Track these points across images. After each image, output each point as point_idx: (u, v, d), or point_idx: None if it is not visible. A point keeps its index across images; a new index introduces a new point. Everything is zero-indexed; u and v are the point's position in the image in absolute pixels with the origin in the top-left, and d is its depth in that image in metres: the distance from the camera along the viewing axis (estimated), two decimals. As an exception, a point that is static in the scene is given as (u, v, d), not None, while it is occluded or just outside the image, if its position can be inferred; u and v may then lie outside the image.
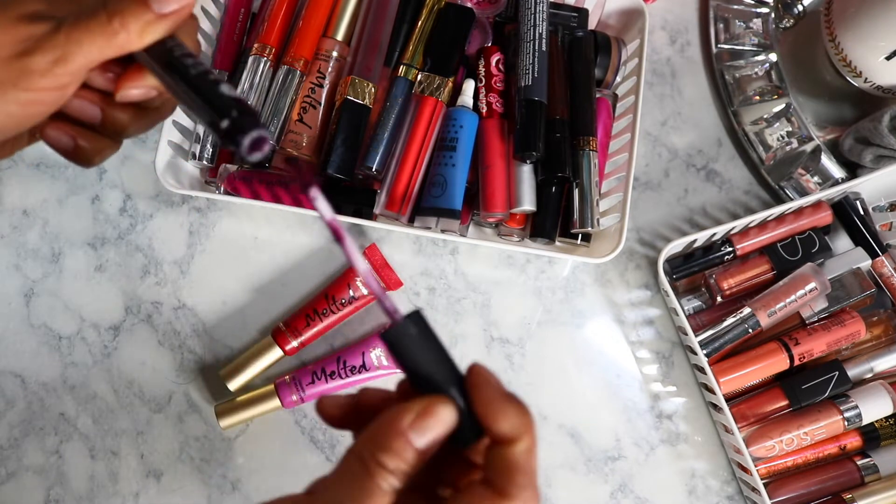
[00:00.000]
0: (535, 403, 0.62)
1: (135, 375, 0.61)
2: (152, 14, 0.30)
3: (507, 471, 0.26)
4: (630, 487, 0.60)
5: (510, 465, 0.26)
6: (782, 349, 0.57)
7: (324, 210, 0.25)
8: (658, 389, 0.62)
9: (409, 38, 0.59)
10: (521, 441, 0.26)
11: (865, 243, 0.61)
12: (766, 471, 0.59)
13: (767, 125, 0.65)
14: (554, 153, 0.57)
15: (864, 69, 0.60)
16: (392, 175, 0.58)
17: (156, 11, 0.30)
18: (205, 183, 0.62)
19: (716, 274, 0.60)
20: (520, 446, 0.26)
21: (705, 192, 0.67)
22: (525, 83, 0.56)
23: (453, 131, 0.58)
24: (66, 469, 0.60)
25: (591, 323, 0.63)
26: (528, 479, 0.26)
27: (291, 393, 0.58)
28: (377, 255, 0.61)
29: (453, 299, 0.63)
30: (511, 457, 0.26)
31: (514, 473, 0.25)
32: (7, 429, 0.60)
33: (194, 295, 0.62)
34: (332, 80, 0.59)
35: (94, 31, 0.29)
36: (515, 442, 0.26)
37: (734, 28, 0.68)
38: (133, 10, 0.29)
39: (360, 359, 0.59)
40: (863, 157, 0.62)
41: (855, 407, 0.56)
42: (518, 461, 0.26)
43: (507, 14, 0.62)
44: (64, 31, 0.29)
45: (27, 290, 0.63)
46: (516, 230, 0.61)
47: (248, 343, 0.62)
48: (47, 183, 0.64)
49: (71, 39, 0.29)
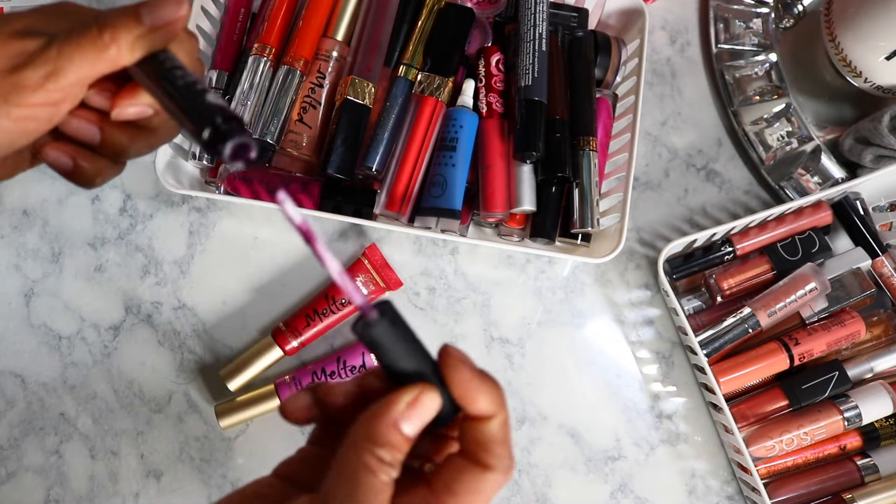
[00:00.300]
0: (535, 403, 0.62)
1: (135, 375, 0.61)
2: (143, 27, 0.30)
3: (487, 445, 0.27)
4: (630, 487, 0.60)
5: (489, 439, 0.27)
6: (782, 349, 0.57)
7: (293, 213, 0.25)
8: (658, 389, 0.62)
9: (409, 38, 0.59)
10: (497, 416, 0.27)
11: (865, 243, 0.61)
12: (766, 471, 0.59)
13: (767, 125, 0.66)
14: (554, 153, 0.57)
15: (864, 69, 0.60)
16: (392, 175, 0.58)
17: (146, 24, 0.30)
18: (205, 183, 0.62)
19: (716, 274, 0.60)
20: (496, 421, 0.27)
21: (705, 192, 0.67)
22: (525, 83, 0.56)
23: (453, 131, 0.58)
24: (66, 469, 0.60)
25: (591, 323, 0.63)
26: (505, 449, 0.27)
27: (291, 393, 0.58)
28: (377, 255, 0.61)
29: (453, 299, 0.63)
30: (489, 432, 0.27)
31: (492, 446, 0.27)
32: (7, 429, 0.60)
33: (194, 295, 0.62)
34: (332, 80, 0.59)
35: (86, 45, 0.29)
36: (492, 418, 0.27)
37: (734, 28, 0.68)
38: (124, 23, 0.29)
39: (360, 359, 0.59)
40: (863, 157, 0.62)
41: (855, 407, 0.56)
42: (496, 435, 0.27)
43: (507, 14, 0.62)
44: (56, 46, 0.29)
45: (27, 290, 0.63)
46: (516, 230, 0.61)
47: (248, 343, 0.62)
48: (47, 183, 0.64)
49: (62, 54, 0.29)
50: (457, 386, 0.27)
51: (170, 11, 0.30)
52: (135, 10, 0.30)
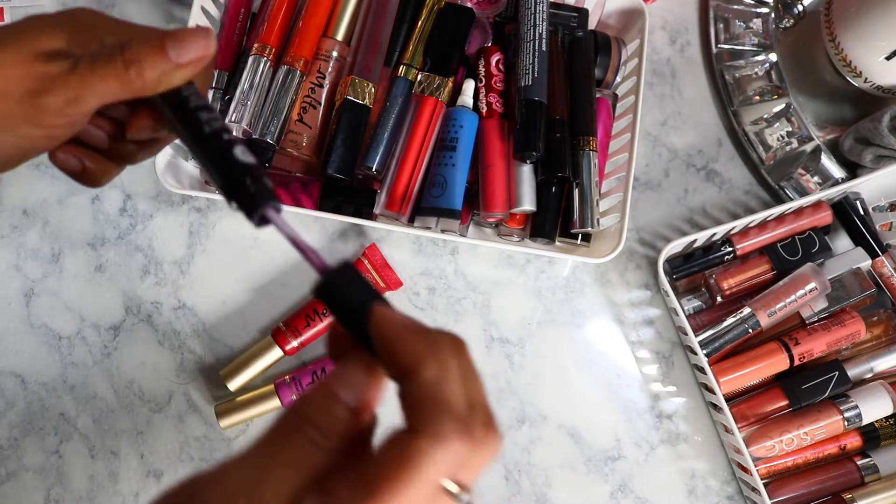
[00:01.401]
0: (535, 403, 0.62)
1: (135, 375, 0.61)
2: (170, 63, 0.29)
3: (413, 405, 0.23)
4: (630, 487, 0.60)
5: (415, 398, 0.23)
6: (782, 349, 0.57)
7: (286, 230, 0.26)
8: (658, 389, 0.62)
9: (409, 38, 0.59)
10: (422, 369, 0.23)
11: (865, 243, 0.61)
12: (766, 471, 0.59)
13: (767, 125, 0.66)
14: (554, 153, 0.57)
15: (864, 69, 0.60)
16: (392, 175, 0.58)
17: (174, 61, 0.29)
18: (205, 183, 0.61)
19: (716, 274, 0.60)
20: (424, 375, 0.23)
21: (705, 192, 0.67)
22: (525, 83, 0.56)
23: (453, 131, 0.58)
24: (66, 469, 0.60)
25: (591, 323, 0.63)
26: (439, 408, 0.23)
27: (291, 393, 0.58)
28: (377, 255, 0.61)
29: (453, 299, 0.63)
30: (415, 389, 0.23)
31: (420, 406, 0.23)
32: (7, 429, 0.60)
33: (194, 295, 0.62)
34: (332, 80, 0.59)
35: (110, 77, 0.29)
36: (415, 372, 0.23)
37: (734, 28, 0.68)
38: (150, 58, 0.29)
39: (360, 359, 0.59)
40: (863, 157, 0.62)
41: (855, 407, 0.56)
42: (422, 392, 0.23)
43: (507, 14, 0.62)
44: (79, 73, 0.29)
45: (27, 290, 0.63)
46: (516, 230, 0.61)
47: (248, 343, 0.62)
48: (47, 183, 0.64)
49: (86, 83, 0.29)
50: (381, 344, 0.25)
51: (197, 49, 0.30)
52: (161, 42, 0.29)
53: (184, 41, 0.29)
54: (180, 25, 0.67)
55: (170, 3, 0.68)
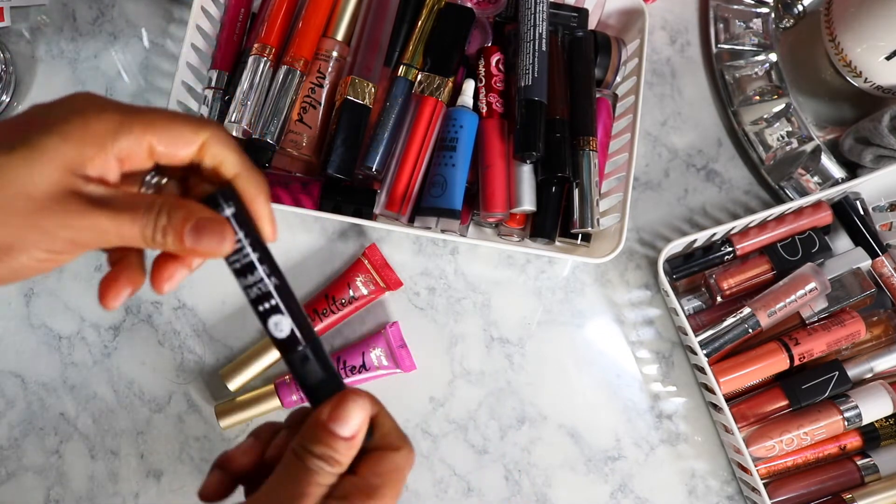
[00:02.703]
0: (535, 403, 0.62)
1: (135, 375, 0.61)
2: (184, 248, 0.28)
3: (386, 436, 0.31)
4: (630, 487, 0.60)
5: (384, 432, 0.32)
6: (782, 349, 0.57)
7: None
8: (658, 389, 0.62)
9: (409, 38, 0.59)
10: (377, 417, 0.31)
11: (865, 243, 0.61)
12: (766, 471, 0.59)
13: (767, 125, 0.66)
14: (554, 153, 0.57)
15: (864, 69, 0.60)
16: (392, 175, 0.58)
17: (188, 247, 0.28)
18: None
19: (716, 274, 0.60)
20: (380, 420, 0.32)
21: (705, 192, 0.67)
22: (525, 83, 0.56)
23: (453, 131, 0.58)
24: (66, 469, 0.60)
25: (591, 323, 0.63)
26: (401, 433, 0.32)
27: (291, 393, 0.58)
28: (377, 255, 0.61)
29: (453, 299, 0.63)
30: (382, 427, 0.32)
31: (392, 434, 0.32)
32: (7, 429, 0.60)
33: (194, 295, 0.62)
34: (332, 80, 0.59)
35: (137, 231, 0.28)
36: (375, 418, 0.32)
37: (734, 28, 0.68)
38: (169, 236, 0.28)
39: (360, 359, 0.59)
40: (863, 157, 0.62)
41: (855, 407, 0.56)
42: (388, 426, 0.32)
43: (507, 14, 0.62)
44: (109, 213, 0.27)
45: (27, 290, 0.62)
46: (516, 230, 0.61)
47: (248, 343, 0.62)
48: (47, 183, 0.64)
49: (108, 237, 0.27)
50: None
51: (211, 245, 0.29)
52: (183, 221, 0.28)
53: (202, 232, 0.28)
54: (180, 25, 0.68)
55: (170, 3, 0.68)
